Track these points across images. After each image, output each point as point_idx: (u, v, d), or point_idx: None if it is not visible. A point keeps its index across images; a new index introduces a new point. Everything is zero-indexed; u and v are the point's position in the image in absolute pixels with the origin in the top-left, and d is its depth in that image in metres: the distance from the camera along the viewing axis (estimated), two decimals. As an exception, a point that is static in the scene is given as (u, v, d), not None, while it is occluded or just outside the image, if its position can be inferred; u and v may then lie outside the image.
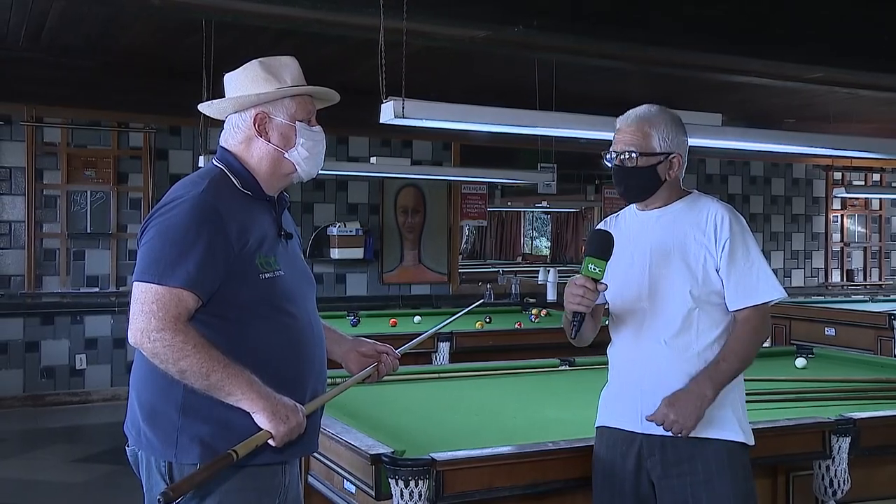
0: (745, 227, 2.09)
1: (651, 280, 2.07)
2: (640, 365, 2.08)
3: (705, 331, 2.04)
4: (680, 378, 2.02)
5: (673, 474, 2.02)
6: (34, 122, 6.57)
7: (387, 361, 2.06)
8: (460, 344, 4.81)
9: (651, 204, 2.14)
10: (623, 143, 2.11)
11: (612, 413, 2.14)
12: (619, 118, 2.16)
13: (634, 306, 2.09)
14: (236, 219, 1.78)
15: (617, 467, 2.08)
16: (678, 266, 2.05)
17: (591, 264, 1.99)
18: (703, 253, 2.05)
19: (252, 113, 1.88)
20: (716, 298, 2.06)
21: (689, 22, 4.10)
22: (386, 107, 3.10)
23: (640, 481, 2.06)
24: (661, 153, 2.10)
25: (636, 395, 2.07)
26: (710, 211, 2.09)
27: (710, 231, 2.06)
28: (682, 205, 2.13)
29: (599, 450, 2.15)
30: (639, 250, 2.11)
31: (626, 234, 2.13)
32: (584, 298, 1.99)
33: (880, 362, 4.00)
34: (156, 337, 1.68)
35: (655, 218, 2.14)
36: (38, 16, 4.51)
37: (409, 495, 1.99)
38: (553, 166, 7.15)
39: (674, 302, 2.04)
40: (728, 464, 2.01)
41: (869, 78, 4.79)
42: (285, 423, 1.74)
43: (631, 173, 2.10)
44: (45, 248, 6.65)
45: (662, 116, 2.13)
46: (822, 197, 9.81)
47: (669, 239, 2.09)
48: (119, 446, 2.00)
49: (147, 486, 1.81)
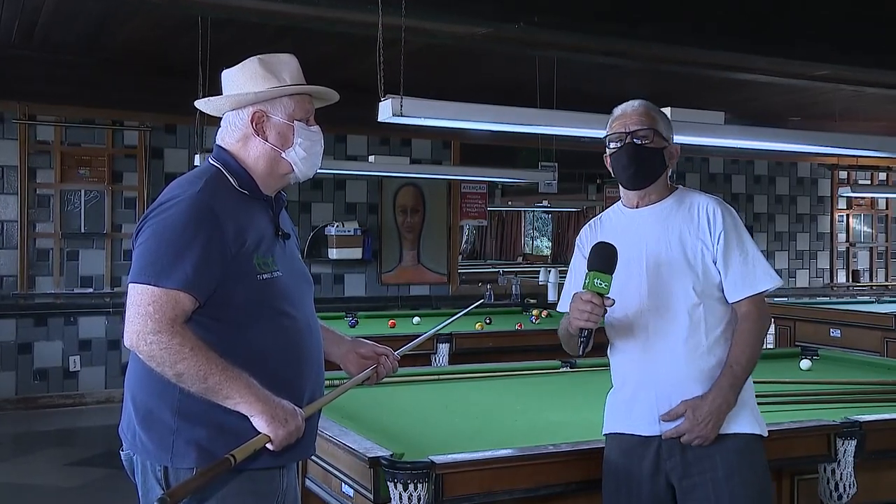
0: (737, 217, 2.10)
1: (651, 281, 2.05)
2: (652, 368, 2.05)
3: (712, 326, 2.04)
4: (694, 376, 2.01)
5: (694, 472, 2.01)
6: (27, 119, 6.52)
7: (386, 363, 2.04)
8: (460, 345, 4.79)
9: (647, 198, 2.12)
10: (634, 123, 2.09)
11: (624, 419, 2.10)
12: (619, 107, 2.15)
13: (637, 309, 2.06)
14: (233, 219, 1.75)
15: (633, 473, 2.05)
16: (679, 264, 2.04)
17: (596, 279, 1.95)
18: (699, 247, 2.05)
19: (250, 111, 1.85)
20: (717, 292, 2.05)
21: (692, 19, 4.07)
22: (384, 105, 3.07)
23: (658, 485, 2.04)
24: (666, 139, 2.12)
25: (651, 398, 2.04)
26: (700, 204, 2.08)
27: (704, 224, 2.05)
28: (672, 201, 2.12)
29: (611, 456, 2.12)
30: (634, 252, 2.07)
31: (616, 235, 2.08)
32: (591, 314, 1.95)
33: (886, 364, 3.97)
34: (152, 339, 1.66)
35: (648, 215, 2.11)
36: (31, 12, 4.48)
37: (408, 499, 1.97)
38: (554, 165, 7.13)
39: (678, 300, 2.03)
40: (746, 457, 2.02)
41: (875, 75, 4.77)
42: (284, 426, 1.72)
43: (645, 152, 2.08)
44: (39, 248, 6.60)
45: (658, 109, 2.16)
46: (828, 196, 9.79)
47: (666, 237, 2.07)
48: (114, 449, 1.97)
49: (142, 490, 1.79)
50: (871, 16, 4.25)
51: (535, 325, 5.67)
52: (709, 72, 5.02)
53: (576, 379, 3.47)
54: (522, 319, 5.85)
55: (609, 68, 5.34)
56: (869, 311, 6.26)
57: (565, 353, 3.72)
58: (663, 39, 4.13)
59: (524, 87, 5.17)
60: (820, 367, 3.76)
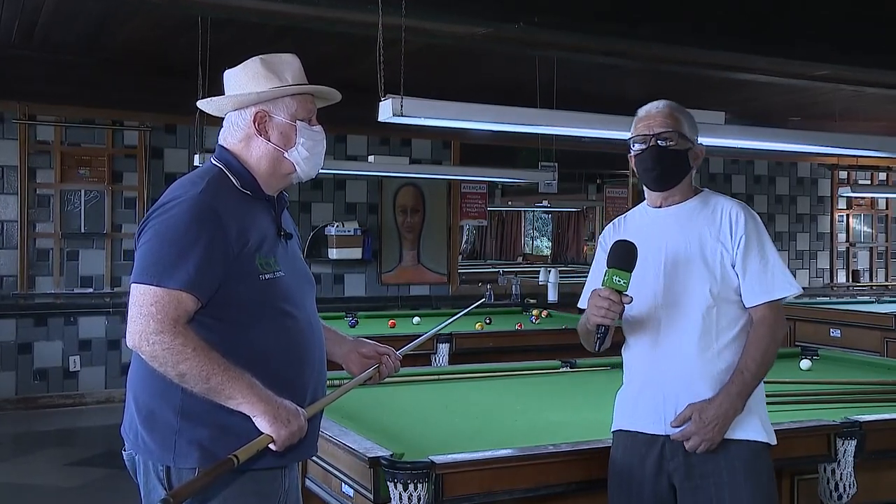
0: (760, 223, 2.09)
1: (667, 280, 2.06)
2: (661, 367, 2.06)
3: (724, 329, 2.04)
4: (702, 378, 2.01)
5: (696, 475, 2.01)
6: (27, 119, 6.51)
7: (388, 363, 2.04)
8: (460, 345, 4.78)
9: (671, 198, 2.13)
10: (658, 125, 2.10)
11: (631, 416, 2.11)
12: (643, 108, 2.15)
13: (652, 306, 2.07)
14: (236, 219, 1.75)
15: (635, 471, 2.06)
16: (697, 264, 2.04)
17: (615, 276, 1.97)
18: (719, 249, 2.04)
19: (252, 111, 1.85)
20: (733, 296, 2.05)
21: (692, 19, 4.07)
22: (384, 105, 3.07)
23: (660, 484, 2.04)
24: (690, 140, 2.12)
25: (658, 397, 2.05)
26: (724, 208, 2.09)
27: (726, 228, 2.05)
28: (696, 202, 2.13)
29: (616, 453, 2.12)
30: (654, 250, 2.08)
31: (638, 234, 2.10)
32: (609, 311, 1.97)
33: (886, 364, 3.97)
34: (154, 340, 1.66)
35: (670, 215, 2.12)
36: (31, 12, 4.48)
37: (408, 499, 1.97)
38: (554, 165, 7.12)
39: (693, 301, 2.03)
40: (752, 465, 2.01)
41: (875, 75, 4.77)
42: (287, 426, 1.71)
43: (669, 154, 2.08)
44: (39, 248, 6.59)
45: (684, 109, 2.15)
46: (828, 196, 9.77)
47: (685, 237, 2.07)
48: (114, 449, 1.97)
49: (144, 490, 1.79)
50: (871, 16, 4.25)
51: (535, 325, 5.67)
52: (709, 72, 5.01)
53: (576, 379, 3.47)
54: (522, 319, 5.85)
55: (609, 68, 5.34)
56: (869, 311, 6.27)
57: (565, 353, 3.78)
58: (663, 39, 4.13)
59: (524, 87, 5.16)
60: (820, 367, 3.76)
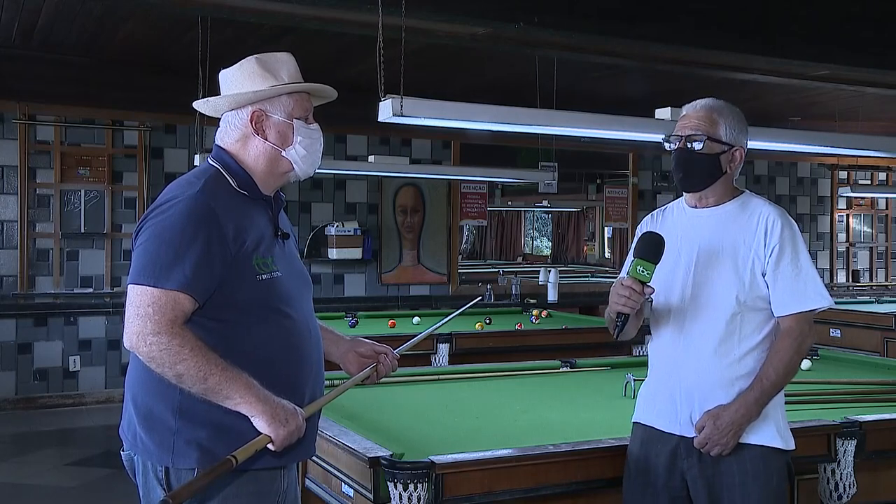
0: (797, 231, 2.07)
1: (696, 281, 2.05)
2: (679, 367, 2.07)
3: (747, 336, 2.03)
4: (720, 383, 2.02)
5: (709, 475, 2.03)
6: (27, 119, 6.51)
7: (385, 362, 2.04)
8: (460, 345, 4.78)
9: (704, 200, 2.11)
10: (690, 127, 2.09)
11: (649, 411, 2.14)
12: (686, 106, 2.14)
13: (677, 306, 2.07)
14: (233, 219, 1.75)
15: (651, 463, 2.09)
16: (726, 269, 2.03)
17: (639, 266, 1.98)
18: (751, 256, 2.03)
19: (249, 110, 1.85)
20: (761, 304, 2.04)
21: (693, 19, 4.06)
22: (384, 105, 3.06)
23: (673, 479, 2.07)
24: (727, 143, 2.09)
25: (675, 397, 2.06)
26: (761, 213, 2.07)
27: (761, 234, 2.04)
28: (734, 205, 2.11)
29: (633, 444, 2.16)
30: (686, 248, 2.09)
31: (673, 230, 2.10)
32: (629, 300, 1.98)
33: (886, 364, 3.97)
34: (152, 340, 1.66)
35: (706, 216, 2.11)
36: (31, 12, 4.48)
37: (408, 499, 1.97)
38: (554, 165, 7.13)
39: (718, 305, 2.03)
40: (763, 469, 2.02)
41: (875, 75, 4.76)
42: (285, 426, 1.71)
43: (696, 158, 2.07)
44: (39, 248, 6.59)
45: (730, 108, 2.12)
46: (828, 196, 9.77)
47: (719, 240, 2.06)
48: (113, 449, 1.97)
49: (143, 491, 1.79)
50: (871, 16, 4.24)
51: (535, 325, 5.67)
52: (709, 72, 5.00)
53: (576, 379, 3.47)
54: (522, 319, 5.85)
55: (609, 68, 5.34)
56: (869, 311, 6.27)
57: (565, 353, 3.79)
58: (663, 39, 4.12)
59: (524, 86, 5.16)
60: (820, 367, 3.76)
